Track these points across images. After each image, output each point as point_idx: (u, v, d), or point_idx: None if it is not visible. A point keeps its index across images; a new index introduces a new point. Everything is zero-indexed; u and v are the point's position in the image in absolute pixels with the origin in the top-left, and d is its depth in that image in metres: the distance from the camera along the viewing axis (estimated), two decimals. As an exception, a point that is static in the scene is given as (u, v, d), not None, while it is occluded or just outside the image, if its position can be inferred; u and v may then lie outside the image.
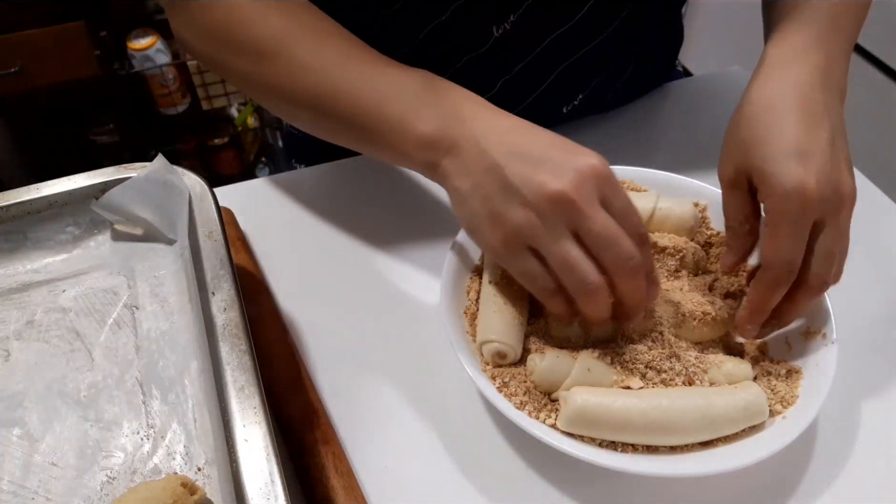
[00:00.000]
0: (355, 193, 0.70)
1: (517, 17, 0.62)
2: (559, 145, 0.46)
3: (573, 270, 0.44)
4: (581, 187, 0.43)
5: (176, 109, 1.97)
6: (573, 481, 0.49)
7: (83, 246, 0.57)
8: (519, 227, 0.44)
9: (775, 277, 0.47)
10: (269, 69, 0.54)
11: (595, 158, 0.45)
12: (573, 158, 0.44)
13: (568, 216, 0.43)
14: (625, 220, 0.44)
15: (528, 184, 0.44)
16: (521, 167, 0.44)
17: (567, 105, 0.73)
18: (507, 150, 0.45)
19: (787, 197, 0.45)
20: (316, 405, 0.51)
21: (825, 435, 0.51)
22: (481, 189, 0.46)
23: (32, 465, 0.45)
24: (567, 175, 0.43)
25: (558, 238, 0.44)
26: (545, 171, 0.44)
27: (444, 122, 0.48)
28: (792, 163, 0.46)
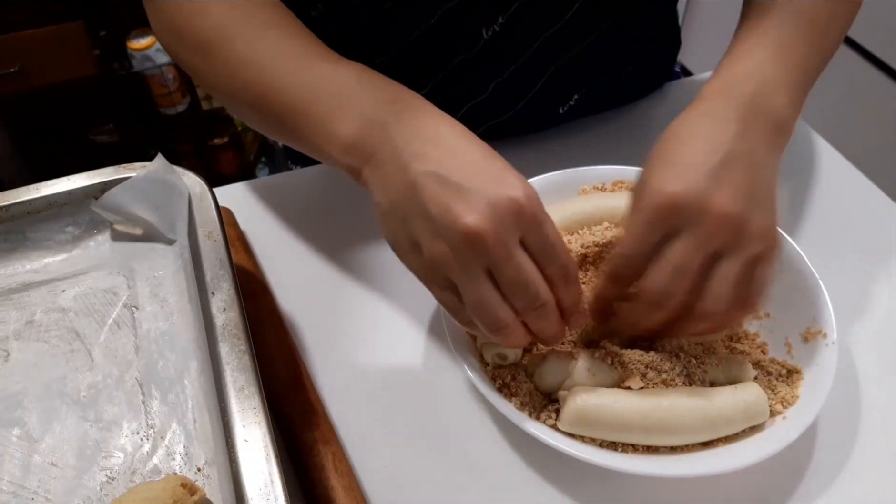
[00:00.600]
0: (355, 193, 0.70)
1: (506, 19, 0.62)
2: (483, 169, 0.42)
3: (484, 312, 0.42)
4: (496, 225, 0.40)
5: (175, 109, 1.97)
6: (573, 481, 0.49)
7: (83, 246, 0.57)
8: (435, 261, 0.42)
9: (615, 270, 0.46)
10: (210, 63, 0.52)
11: (518, 189, 0.41)
12: (494, 189, 0.40)
13: (480, 256, 0.40)
14: (546, 258, 0.42)
15: (444, 215, 0.40)
16: (439, 192, 0.41)
17: (563, 106, 0.73)
18: (427, 170, 0.41)
19: (642, 196, 0.44)
20: (316, 405, 0.51)
21: (825, 435, 0.51)
22: (400, 210, 0.43)
23: (32, 465, 0.45)
24: (483, 210, 0.40)
25: (472, 278, 0.41)
26: (462, 201, 0.40)
27: (365, 126, 0.45)
28: (667, 171, 0.44)
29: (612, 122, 0.78)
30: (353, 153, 0.45)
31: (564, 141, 0.75)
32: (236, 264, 0.52)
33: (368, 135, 0.45)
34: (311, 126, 0.48)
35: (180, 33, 0.54)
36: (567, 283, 0.43)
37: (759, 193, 0.44)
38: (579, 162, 0.63)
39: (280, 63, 0.49)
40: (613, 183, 0.61)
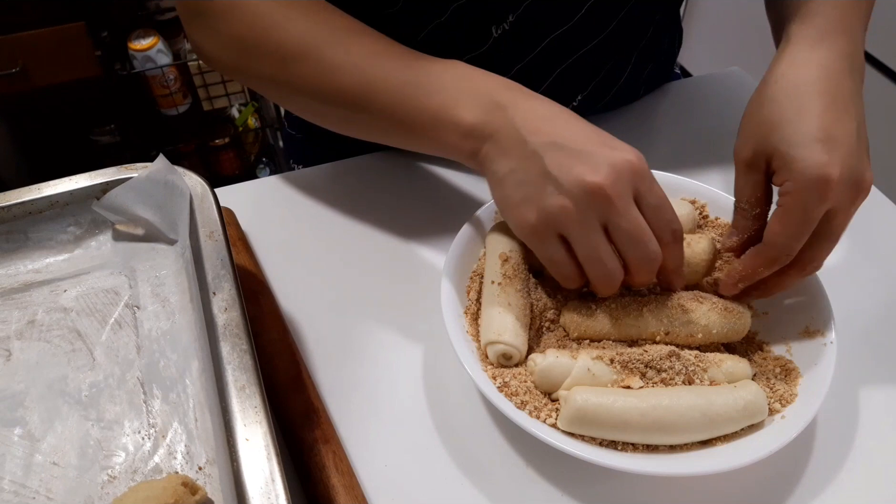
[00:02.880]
0: (356, 194, 0.70)
1: (516, 18, 0.62)
2: (596, 138, 0.47)
3: (598, 263, 0.47)
4: (617, 182, 0.44)
5: (177, 110, 1.97)
6: (573, 481, 0.49)
7: (84, 246, 0.57)
8: (552, 214, 0.46)
9: (773, 257, 0.48)
10: (298, 71, 0.55)
11: (632, 154, 0.46)
12: (611, 153, 0.45)
13: (601, 210, 0.45)
14: (657, 215, 0.46)
15: (567, 174, 0.45)
16: (561, 157, 0.45)
17: (566, 105, 0.73)
18: (547, 140, 0.46)
19: (808, 183, 0.45)
20: (316, 404, 0.51)
21: (824, 434, 0.51)
22: (518, 174, 0.47)
23: (33, 464, 0.45)
24: (604, 169, 0.44)
25: (589, 230, 0.46)
26: (583, 163, 0.45)
27: (484, 111, 0.49)
28: (818, 149, 0.45)
29: (612, 122, 0.78)
30: (474, 136, 0.50)
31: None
32: (237, 264, 0.53)
33: (490, 118, 0.49)
34: (425, 117, 0.52)
35: (255, 49, 0.55)
36: (674, 241, 0.47)
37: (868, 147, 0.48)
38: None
39: (382, 63, 0.53)
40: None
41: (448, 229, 0.62)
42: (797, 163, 0.45)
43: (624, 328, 0.51)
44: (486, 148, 0.49)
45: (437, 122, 0.51)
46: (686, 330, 0.50)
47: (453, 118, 0.50)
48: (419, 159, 0.73)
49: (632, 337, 0.51)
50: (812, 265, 0.49)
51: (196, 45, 0.60)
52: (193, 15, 0.58)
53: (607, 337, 0.51)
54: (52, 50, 1.65)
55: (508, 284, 0.51)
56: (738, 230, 0.52)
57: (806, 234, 0.46)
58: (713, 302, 0.51)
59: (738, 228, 0.52)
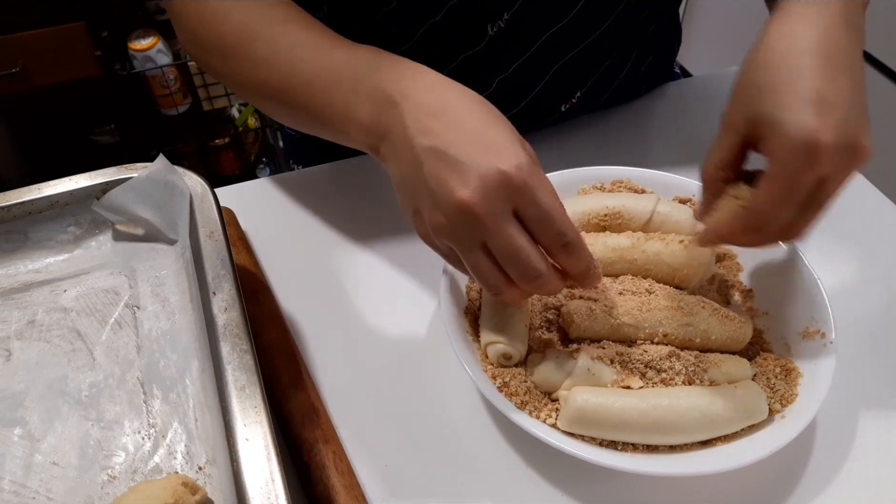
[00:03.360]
0: (355, 194, 0.70)
1: (511, 15, 0.62)
2: (481, 140, 0.42)
3: (481, 278, 0.44)
4: (485, 200, 0.41)
5: (177, 110, 1.97)
6: (573, 481, 0.49)
7: (84, 246, 0.57)
8: (436, 230, 0.44)
9: (756, 225, 0.45)
10: (234, 65, 0.55)
11: (511, 162, 0.41)
12: (487, 162, 0.41)
13: (473, 228, 0.42)
14: (542, 228, 0.42)
15: (440, 189, 0.42)
16: (438, 168, 0.42)
17: (566, 103, 0.73)
18: (429, 145, 0.43)
19: (797, 149, 0.42)
20: (316, 404, 0.51)
21: (824, 434, 0.51)
22: (408, 183, 0.45)
23: (34, 464, 0.45)
24: (473, 184, 0.41)
25: (469, 248, 0.43)
26: (456, 175, 0.42)
27: (377, 107, 0.47)
28: (809, 112, 0.42)
29: (612, 121, 0.78)
30: (371, 134, 0.48)
31: (564, 141, 0.75)
32: (237, 264, 0.53)
33: (381, 115, 0.47)
34: (333, 114, 0.50)
35: (204, 41, 0.56)
36: (567, 251, 0.43)
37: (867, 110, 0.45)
38: (579, 162, 0.63)
39: (297, 56, 0.52)
40: (613, 183, 0.62)
41: (448, 229, 0.62)
42: (785, 126, 0.42)
43: (623, 329, 0.51)
44: (383, 149, 0.47)
45: (343, 118, 0.49)
46: (685, 333, 0.50)
47: (352, 115, 0.48)
48: (419, 159, 0.73)
49: (631, 337, 0.51)
50: (793, 232, 0.45)
51: (179, 40, 0.61)
52: (168, 11, 0.59)
53: (607, 337, 0.51)
54: (52, 50, 1.65)
55: (508, 284, 0.51)
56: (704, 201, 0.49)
57: (793, 203, 0.43)
58: (715, 308, 0.51)
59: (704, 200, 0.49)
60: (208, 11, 0.55)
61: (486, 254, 0.43)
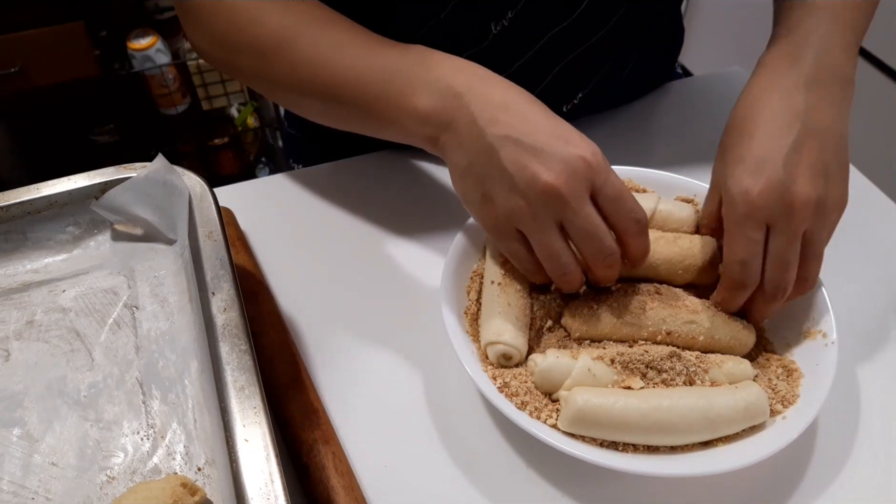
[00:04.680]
0: (355, 193, 0.70)
1: (515, 14, 0.63)
2: (553, 131, 0.46)
3: (553, 260, 0.47)
4: (570, 181, 0.44)
5: (176, 109, 1.97)
6: (573, 481, 0.49)
7: (83, 246, 0.57)
8: (509, 213, 0.47)
9: (730, 279, 0.49)
10: (272, 66, 0.55)
11: (587, 150, 0.45)
12: (565, 148, 0.45)
13: (555, 209, 0.45)
14: (616, 207, 0.46)
15: (521, 173, 0.45)
16: (515, 154, 0.45)
17: (567, 104, 0.73)
18: (503, 133, 0.46)
19: (732, 203, 0.47)
20: (316, 405, 0.51)
21: (825, 434, 0.51)
22: (476, 169, 0.47)
23: (32, 465, 0.45)
24: (557, 167, 0.44)
25: (544, 229, 0.46)
26: (537, 161, 0.45)
27: (440, 98, 0.49)
28: (744, 171, 0.47)
29: (612, 121, 0.78)
30: (432, 123, 0.50)
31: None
32: (236, 264, 0.52)
33: (445, 105, 0.49)
34: (387, 105, 0.51)
35: (236, 44, 0.56)
36: (638, 232, 0.47)
37: (831, 166, 0.48)
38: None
39: (345, 54, 0.53)
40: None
41: (448, 229, 0.62)
42: (725, 184, 0.48)
43: (625, 328, 0.51)
44: (445, 137, 0.49)
45: (397, 109, 0.51)
46: (688, 330, 0.50)
47: (409, 105, 0.50)
48: (419, 159, 0.73)
49: (633, 337, 0.51)
50: (771, 289, 0.48)
51: (190, 42, 0.61)
52: (183, 13, 0.59)
53: (608, 337, 0.51)
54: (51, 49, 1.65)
55: (508, 285, 0.51)
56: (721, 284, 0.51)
57: (746, 252, 0.47)
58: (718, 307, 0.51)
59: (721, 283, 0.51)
60: (241, 14, 0.55)
61: (562, 234, 0.47)
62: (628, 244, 0.48)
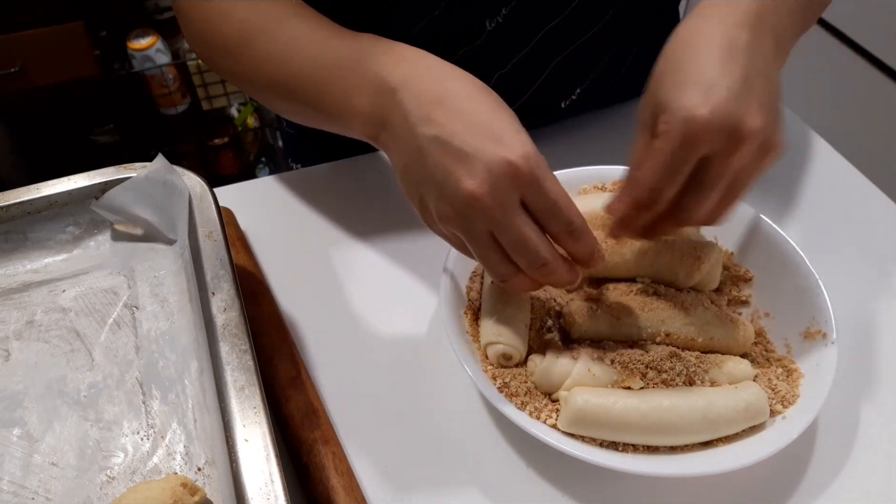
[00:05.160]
0: (355, 193, 0.70)
1: (509, 10, 0.63)
2: (486, 130, 0.42)
3: (489, 267, 0.45)
4: (494, 190, 0.41)
5: (176, 109, 1.97)
6: (573, 481, 0.49)
7: (83, 246, 0.57)
8: (443, 219, 0.45)
9: (638, 196, 0.45)
10: (239, 63, 0.55)
11: (518, 152, 0.41)
12: (494, 152, 0.41)
13: (481, 218, 0.42)
14: (549, 216, 0.43)
15: (446, 180, 0.42)
16: (442, 157, 0.43)
17: (565, 100, 0.73)
18: (431, 134, 0.43)
19: (676, 123, 0.42)
20: (316, 405, 0.51)
21: (825, 435, 0.51)
22: (411, 172, 0.45)
23: (32, 464, 0.45)
24: (481, 175, 0.41)
25: (477, 237, 0.44)
26: (462, 167, 0.42)
27: (376, 96, 0.47)
28: (692, 92, 0.43)
29: (612, 121, 0.78)
30: (371, 122, 0.48)
31: (564, 140, 0.75)
32: (236, 264, 0.52)
33: (381, 103, 0.47)
34: (334, 104, 0.50)
35: (209, 39, 0.57)
36: (574, 238, 0.44)
37: (776, 109, 0.45)
38: (579, 162, 0.63)
39: (299, 50, 0.52)
40: (613, 183, 0.61)
41: (448, 229, 0.62)
42: (670, 104, 0.43)
43: (625, 328, 0.51)
44: (383, 136, 0.47)
45: (343, 109, 0.49)
46: (687, 332, 0.50)
47: (350, 105, 0.49)
48: (419, 159, 0.73)
49: (632, 338, 0.51)
50: (687, 214, 0.45)
51: (187, 39, 0.62)
52: (176, 12, 0.60)
53: (608, 337, 0.51)
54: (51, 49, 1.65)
55: (508, 284, 0.51)
56: (622, 192, 0.48)
57: (674, 176, 0.43)
58: (717, 308, 0.51)
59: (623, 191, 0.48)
60: (214, 11, 0.55)
61: (494, 242, 0.44)
62: (569, 251, 0.45)
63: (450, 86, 0.45)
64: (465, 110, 0.43)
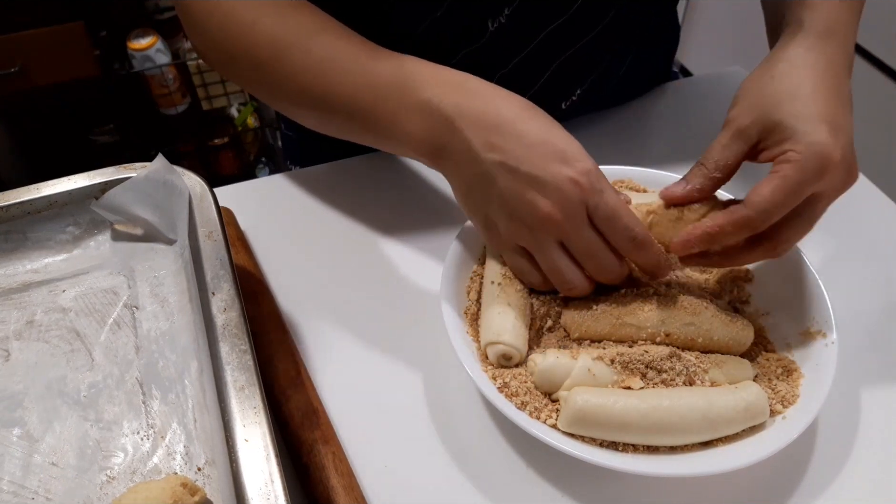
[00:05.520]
0: (355, 193, 0.70)
1: (512, 11, 0.63)
2: (548, 150, 0.46)
3: (558, 275, 0.49)
4: (565, 207, 0.46)
5: (176, 109, 1.97)
6: (573, 481, 0.49)
7: (83, 246, 0.57)
8: (511, 235, 0.49)
9: (748, 220, 0.46)
10: (268, 76, 0.55)
11: (580, 169, 0.46)
12: (559, 172, 0.46)
13: (554, 232, 0.47)
14: (610, 227, 0.47)
15: (518, 201, 0.47)
16: (511, 182, 0.47)
17: (566, 101, 0.73)
18: (497, 160, 0.47)
19: (811, 157, 0.45)
20: (316, 405, 0.51)
21: (825, 435, 0.51)
22: (476, 193, 0.49)
23: (32, 465, 0.45)
24: (553, 196, 0.46)
25: (546, 249, 0.48)
26: (534, 190, 0.46)
27: (431, 122, 0.49)
28: (825, 129, 0.45)
29: (611, 121, 0.78)
30: (427, 146, 0.51)
31: (564, 141, 0.75)
32: (236, 264, 0.52)
33: (436, 130, 0.49)
34: (380, 125, 0.52)
35: (232, 51, 0.56)
36: (636, 246, 0.47)
37: None
38: (579, 162, 0.63)
39: (338, 68, 0.53)
40: (614, 182, 0.61)
41: (448, 229, 0.62)
42: (805, 136, 0.45)
43: (625, 328, 0.51)
44: (442, 161, 0.51)
45: (393, 131, 0.52)
46: (687, 332, 0.50)
47: (402, 129, 0.51)
48: (419, 159, 0.73)
49: (632, 337, 0.51)
50: (784, 246, 0.48)
51: (192, 45, 0.61)
52: (182, 14, 0.59)
53: (608, 337, 0.51)
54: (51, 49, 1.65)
55: (508, 284, 0.51)
56: (689, 182, 0.49)
57: (788, 207, 0.46)
58: (717, 309, 0.51)
59: (689, 181, 0.50)
60: (233, 23, 0.55)
61: (564, 251, 0.48)
62: (634, 260, 0.49)
63: (502, 110, 0.48)
64: (522, 133, 0.47)
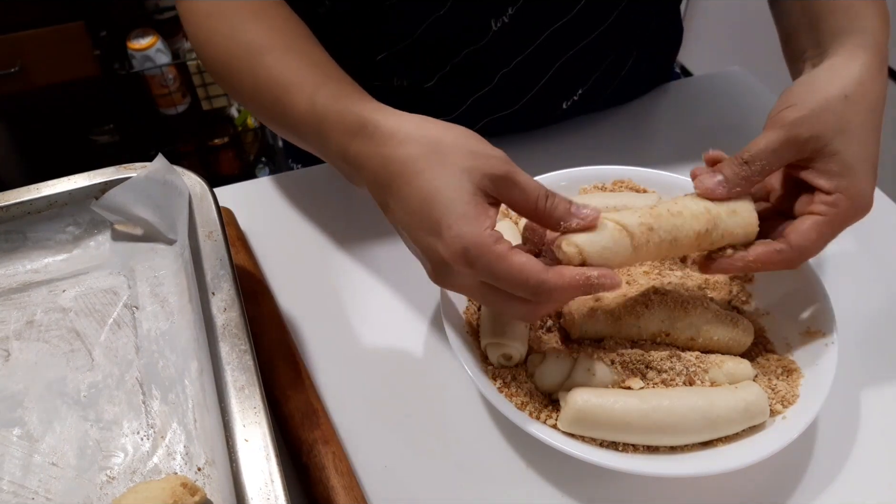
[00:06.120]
0: (355, 193, 0.70)
1: (515, 11, 0.63)
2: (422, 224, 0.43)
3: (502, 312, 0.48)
4: (444, 275, 0.44)
5: (176, 109, 1.97)
6: (573, 481, 0.49)
7: (83, 246, 0.57)
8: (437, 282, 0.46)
9: (789, 261, 0.47)
10: (238, 82, 0.55)
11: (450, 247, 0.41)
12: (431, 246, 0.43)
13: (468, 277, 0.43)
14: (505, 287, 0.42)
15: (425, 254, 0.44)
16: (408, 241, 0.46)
17: (567, 101, 0.73)
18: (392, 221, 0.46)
19: (859, 207, 0.47)
20: (316, 405, 0.51)
21: (825, 435, 0.51)
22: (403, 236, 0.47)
23: (32, 464, 0.45)
24: (430, 265, 0.44)
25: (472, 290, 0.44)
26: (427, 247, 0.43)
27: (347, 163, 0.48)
28: (871, 174, 0.48)
29: (612, 121, 0.78)
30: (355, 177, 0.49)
31: (565, 140, 0.75)
32: (236, 264, 0.52)
33: (352, 169, 0.48)
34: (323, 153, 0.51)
35: (216, 53, 0.56)
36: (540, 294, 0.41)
37: None
38: (579, 162, 0.63)
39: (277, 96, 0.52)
40: (613, 182, 0.61)
41: (448, 229, 0.62)
42: (857, 182, 0.47)
43: (625, 328, 0.51)
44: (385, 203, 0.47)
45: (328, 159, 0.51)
46: (687, 332, 0.50)
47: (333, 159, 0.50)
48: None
49: (632, 338, 0.51)
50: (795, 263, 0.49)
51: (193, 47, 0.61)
52: (180, 15, 0.60)
53: (608, 337, 0.51)
54: (51, 49, 1.65)
55: (508, 284, 0.51)
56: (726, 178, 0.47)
57: (825, 246, 0.48)
58: (717, 309, 0.51)
59: (726, 177, 0.47)
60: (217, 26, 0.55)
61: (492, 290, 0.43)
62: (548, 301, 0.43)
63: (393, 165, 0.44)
64: (404, 197, 0.43)
